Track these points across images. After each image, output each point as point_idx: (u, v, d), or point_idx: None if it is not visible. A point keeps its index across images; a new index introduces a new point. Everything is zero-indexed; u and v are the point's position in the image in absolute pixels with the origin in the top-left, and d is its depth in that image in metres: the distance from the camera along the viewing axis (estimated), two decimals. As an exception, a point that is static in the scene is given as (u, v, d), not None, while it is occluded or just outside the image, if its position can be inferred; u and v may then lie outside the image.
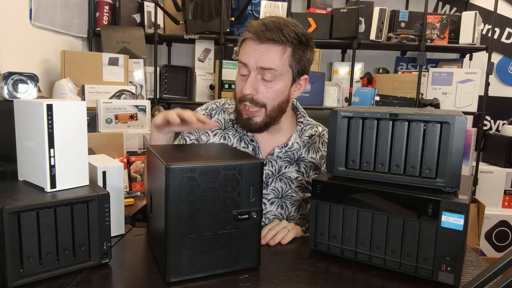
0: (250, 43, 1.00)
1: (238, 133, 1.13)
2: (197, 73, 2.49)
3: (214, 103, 1.20)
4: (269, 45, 0.98)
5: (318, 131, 1.18)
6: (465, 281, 0.74)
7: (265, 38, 0.97)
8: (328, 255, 0.85)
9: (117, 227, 0.93)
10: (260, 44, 0.99)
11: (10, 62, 1.67)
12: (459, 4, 2.74)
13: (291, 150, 1.12)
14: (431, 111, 0.78)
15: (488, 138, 2.61)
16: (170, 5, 2.39)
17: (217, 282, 0.73)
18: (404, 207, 0.75)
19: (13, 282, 0.67)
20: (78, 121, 0.78)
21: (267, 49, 0.98)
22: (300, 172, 1.12)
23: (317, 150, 1.15)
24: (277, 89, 1.02)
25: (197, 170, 0.71)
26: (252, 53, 1.00)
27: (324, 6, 2.53)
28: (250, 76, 1.01)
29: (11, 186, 0.78)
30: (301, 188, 1.12)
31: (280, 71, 1.00)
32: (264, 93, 1.02)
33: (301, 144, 1.14)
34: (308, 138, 1.15)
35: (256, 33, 0.98)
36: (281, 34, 0.97)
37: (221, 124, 1.15)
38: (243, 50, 1.03)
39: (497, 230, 2.42)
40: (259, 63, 0.99)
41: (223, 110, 1.17)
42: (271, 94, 1.02)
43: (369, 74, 2.57)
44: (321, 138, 1.17)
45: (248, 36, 1.00)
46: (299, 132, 1.14)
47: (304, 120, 1.17)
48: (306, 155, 1.13)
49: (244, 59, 1.01)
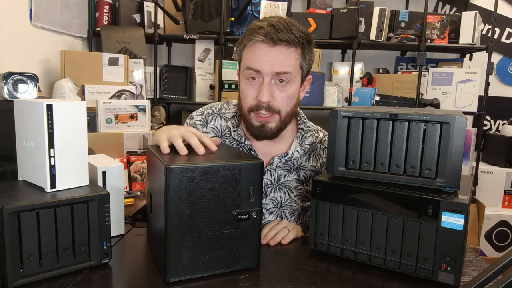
0: (261, 47, 0.93)
1: (235, 141, 1.09)
2: (197, 73, 2.49)
3: (210, 108, 1.15)
4: (282, 47, 0.93)
5: (319, 137, 1.14)
6: (465, 281, 0.74)
7: (278, 40, 0.91)
8: (328, 255, 0.85)
9: (117, 227, 0.93)
10: (273, 47, 0.92)
11: (10, 62, 1.67)
12: (459, 4, 2.74)
13: (291, 159, 1.08)
14: (431, 111, 0.78)
15: (488, 138, 2.61)
16: (170, 5, 2.39)
17: (217, 282, 0.73)
18: (404, 207, 0.75)
19: (13, 282, 0.67)
20: (78, 121, 0.78)
21: (281, 52, 0.93)
22: (300, 181, 1.09)
23: (318, 158, 1.12)
24: (290, 92, 0.98)
25: (197, 170, 0.71)
26: (265, 57, 0.93)
27: (324, 6, 2.53)
28: (264, 83, 0.94)
29: (11, 186, 0.78)
30: (301, 197, 1.09)
31: (294, 74, 0.96)
32: (279, 98, 0.96)
33: (301, 152, 1.09)
34: (309, 146, 1.11)
35: (268, 35, 0.91)
36: (292, 35, 0.92)
37: (218, 131, 1.11)
38: (252, 55, 0.95)
39: (497, 230, 2.42)
40: (274, 68, 0.93)
41: (220, 116, 1.12)
42: (286, 100, 0.97)
43: (369, 74, 2.57)
44: (322, 145, 1.13)
45: (258, 39, 0.93)
46: (299, 140, 1.10)
47: (304, 127, 1.12)
48: (307, 164, 1.10)
49: (256, 66, 0.94)
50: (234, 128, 1.09)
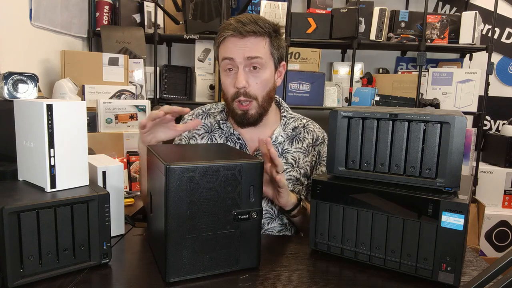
0: (232, 40, 1.04)
1: (224, 134, 1.16)
2: (197, 73, 2.49)
3: (200, 109, 1.24)
4: (250, 37, 1.03)
5: (302, 123, 1.21)
6: (465, 281, 0.74)
7: (245, 32, 1.02)
8: (328, 255, 0.85)
9: (117, 227, 0.93)
10: (241, 38, 1.03)
11: (10, 62, 1.67)
12: (459, 4, 2.74)
13: (275, 143, 1.14)
14: (431, 111, 0.78)
15: (488, 138, 2.61)
16: (170, 5, 2.39)
17: (217, 282, 0.73)
18: (404, 207, 0.75)
19: (13, 282, 0.67)
20: (78, 121, 0.78)
21: (249, 41, 1.03)
22: (289, 164, 1.14)
23: (303, 139, 1.18)
24: (265, 77, 1.06)
25: (197, 170, 0.71)
26: (236, 47, 1.03)
27: (324, 6, 2.53)
28: (239, 70, 1.04)
29: (11, 186, 0.78)
30: (291, 181, 1.13)
31: (265, 59, 1.05)
32: (254, 84, 1.06)
33: (284, 136, 1.16)
34: (292, 130, 1.18)
35: (236, 29, 1.02)
36: (258, 26, 1.03)
37: (208, 127, 1.19)
38: (225, 48, 1.06)
39: (497, 230, 2.42)
40: (246, 53, 1.03)
41: (209, 115, 1.21)
42: (260, 85, 1.06)
43: (369, 74, 2.57)
44: (305, 128, 1.20)
45: (228, 34, 1.04)
46: (283, 126, 1.17)
47: (287, 114, 1.20)
48: (290, 147, 1.16)
49: (229, 54, 1.04)
50: (223, 121, 1.17)
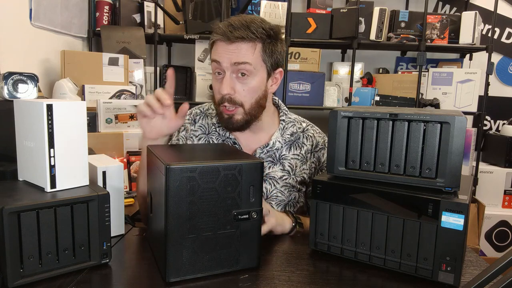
0: (221, 44, 1.01)
1: (220, 136, 1.14)
2: (197, 73, 2.49)
3: (198, 108, 1.21)
4: (239, 43, 0.99)
5: (301, 127, 1.18)
6: (465, 281, 0.74)
7: (233, 38, 0.98)
8: (328, 255, 0.85)
9: (117, 227, 0.93)
10: (230, 44, 0.99)
11: (10, 62, 1.67)
12: (459, 4, 2.74)
13: (273, 149, 1.12)
14: (431, 111, 0.78)
15: (488, 138, 2.60)
16: (170, 5, 2.39)
17: (217, 282, 0.73)
18: (404, 207, 0.75)
19: (13, 282, 0.67)
20: (78, 121, 0.78)
21: (237, 47, 0.99)
22: (286, 171, 1.12)
23: (302, 146, 1.15)
24: (253, 85, 1.02)
25: (197, 170, 0.71)
26: (224, 52, 1.00)
27: (324, 6, 2.53)
28: (225, 76, 1.01)
29: (11, 186, 0.78)
30: (287, 187, 1.11)
31: (254, 66, 1.01)
32: (241, 91, 1.02)
33: (282, 142, 1.13)
34: (290, 135, 1.15)
35: (224, 34, 0.99)
36: (249, 31, 0.98)
37: (205, 129, 1.17)
38: (215, 51, 1.03)
39: (497, 230, 2.42)
40: (233, 59, 0.99)
41: (206, 115, 1.19)
42: (248, 92, 1.02)
43: (369, 74, 2.57)
44: (305, 133, 1.17)
45: (217, 38, 1.01)
46: (281, 131, 1.14)
47: (286, 118, 1.17)
48: (287, 153, 1.13)
49: (217, 57, 1.01)
50: (218, 124, 1.14)
